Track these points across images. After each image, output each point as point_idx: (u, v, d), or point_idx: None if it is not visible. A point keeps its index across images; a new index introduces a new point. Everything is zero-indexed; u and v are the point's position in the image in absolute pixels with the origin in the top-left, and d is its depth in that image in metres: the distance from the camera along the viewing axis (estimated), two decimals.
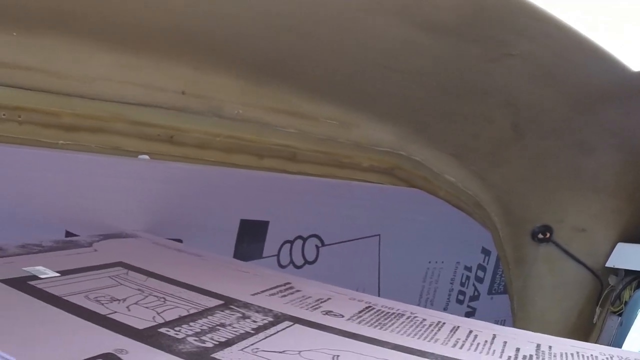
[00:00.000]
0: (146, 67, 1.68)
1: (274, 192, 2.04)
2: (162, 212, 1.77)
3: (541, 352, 1.19)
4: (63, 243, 1.45)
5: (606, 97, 2.12)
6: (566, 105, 2.20)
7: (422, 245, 2.58)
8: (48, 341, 0.87)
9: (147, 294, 1.15)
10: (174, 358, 0.86)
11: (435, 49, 1.74)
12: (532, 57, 1.81)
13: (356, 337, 1.11)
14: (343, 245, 2.27)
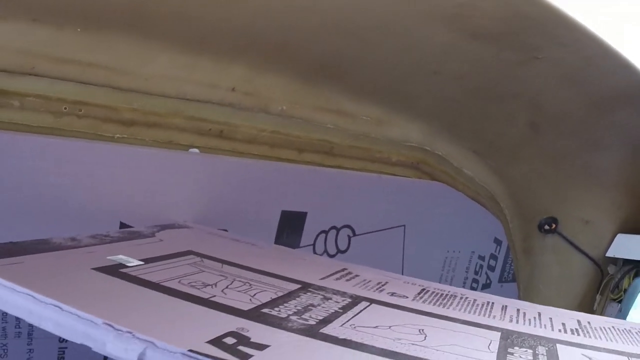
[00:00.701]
0: (203, 67, 1.74)
1: (312, 184, 2.12)
2: (209, 203, 1.85)
3: (583, 327, 1.33)
4: (128, 233, 1.52)
5: (620, 98, 2.19)
6: (584, 106, 2.27)
7: (442, 236, 2.67)
8: (173, 324, 0.96)
9: (232, 280, 1.24)
10: (291, 334, 0.96)
11: (476, 54, 1.82)
12: (558, 61, 1.88)
13: (428, 314, 1.22)
14: (372, 235, 2.35)
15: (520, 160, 2.70)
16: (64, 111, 1.60)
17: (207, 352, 0.81)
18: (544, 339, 1.21)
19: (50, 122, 1.58)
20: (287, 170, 2.05)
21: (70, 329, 0.87)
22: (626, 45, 1.79)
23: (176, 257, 1.36)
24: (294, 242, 2.10)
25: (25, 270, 1.08)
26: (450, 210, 2.63)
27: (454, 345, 1.06)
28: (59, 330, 0.88)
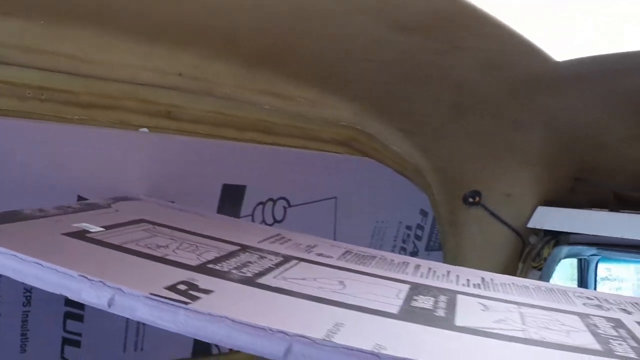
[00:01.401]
0: (154, 55, 1.91)
1: (251, 160, 2.30)
2: (158, 178, 2.03)
3: (486, 282, 1.57)
4: (88, 205, 1.70)
5: (535, 83, 2.41)
6: (504, 90, 2.49)
7: (371, 207, 2.87)
8: (136, 275, 1.16)
9: (181, 242, 1.44)
10: (232, 283, 1.18)
11: (402, 44, 2.00)
12: (477, 50, 2.08)
13: (349, 270, 1.45)
14: (306, 206, 2.55)
15: (445, 139, 2.92)
16: (28, 96, 1.75)
17: (165, 295, 1.02)
18: (447, 291, 1.44)
19: (16, 105, 1.73)
20: (229, 147, 2.21)
21: (50, 282, 1.06)
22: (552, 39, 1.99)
23: (131, 224, 1.55)
24: (234, 213, 2.28)
25: (4, 236, 1.25)
26: (379, 183, 2.83)
27: (368, 292, 1.28)
28: (40, 284, 1.07)
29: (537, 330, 1.23)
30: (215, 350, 2.38)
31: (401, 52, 2.10)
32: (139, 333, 2.14)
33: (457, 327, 1.16)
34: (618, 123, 2.76)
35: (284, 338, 0.93)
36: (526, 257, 3.27)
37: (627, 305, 1.60)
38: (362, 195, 2.79)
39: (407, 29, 1.91)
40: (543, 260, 3.23)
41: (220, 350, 2.39)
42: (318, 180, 2.58)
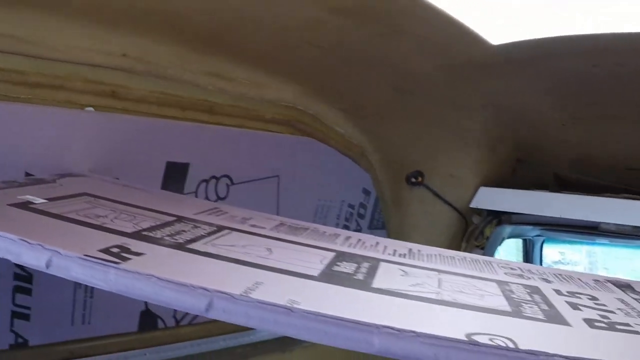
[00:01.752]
0: (100, 36, 1.97)
1: (194, 139, 2.37)
2: (103, 155, 2.10)
3: (412, 253, 1.67)
4: (34, 180, 1.77)
5: (473, 66, 2.48)
6: (441, 72, 2.56)
7: (313, 186, 2.95)
8: (73, 239, 1.25)
9: (120, 213, 1.52)
10: (163, 248, 1.26)
11: (338, 27, 2.07)
12: (413, 34, 2.16)
13: (279, 239, 1.54)
14: (249, 184, 2.62)
15: (386, 120, 3.00)
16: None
17: (98, 256, 1.10)
18: (371, 259, 1.53)
19: None
20: (172, 126, 2.28)
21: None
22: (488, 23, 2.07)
23: (74, 197, 1.62)
24: (178, 190, 2.35)
25: None
26: (322, 163, 2.91)
27: (292, 258, 1.37)
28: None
29: (451, 293, 1.32)
30: (161, 324, 2.45)
31: (340, 35, 2.17)
32: (86, 307, 2.21)
33: (372, 288, 1.25)
34: (556, 106, 2.83)
35: (205, 294, 1.01)
36: (469, 237, 3.35)
37: (550, 275, 1.70)
38: (305, 174, 2.86)
39: (345, 12, 1.99)
40: (485, 240, 3.31)
41: (166, 324, 2.47)
42: (261, 159, 2.65)
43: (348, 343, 0.99)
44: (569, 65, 2.40)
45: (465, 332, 1.01)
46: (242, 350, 2.74)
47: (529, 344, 0.99)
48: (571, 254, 7.10)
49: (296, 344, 2.93)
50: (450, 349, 0.97)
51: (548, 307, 1.32)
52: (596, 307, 1.38)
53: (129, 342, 2.35)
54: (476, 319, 1.18)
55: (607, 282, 1.70)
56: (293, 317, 1.00)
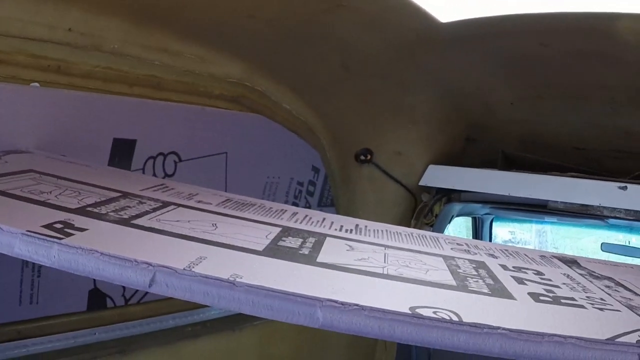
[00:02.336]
0: (43, 9, 1.93)
1: (141, 115, 2.35)
2: (48, 132, 2.07)
3: (359, 228, 1.68)
4: None
5: (420, 44, 2.51)
6: (387, 49, 2.58)
7: (262, 163, 2.95)
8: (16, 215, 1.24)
9: (64, 189, 1.51)
10: (107, 223, 1.26)
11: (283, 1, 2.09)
12: (358, 9, 2.18)
13: (225, 215, 1.54)
14: (196, 161, 2.62)
15: (334, 97, 3.01)
16: None
17: (41, 232, 1.10)
18: (317, 234, 1.54)
19: None
20: (119, 102, 2.26)
21: None
22: None
23: (19, 174, 1.61)
24: (125, 167, 2.34)
25: None
26: (269, 140, 2.91)
27: (238, 233, 1.38)
28: None
29: (396, 268, 1.33)
30: (110, 303, 2.44)
31: (283, 8, 2.18)
32: (33, 286, 2.19)
33: (317, 262, 1.27)
34: (503, 85, 2.89)
35: (148, 269, 1.02)
36: (418, 215, 3.40)
37: (496, 251, 1.73)
38: (252, 151, 2.87)
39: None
40: (435, 217, 3.36)
41: (115, 303, 2.46)
42: (208, 136, 2.65)
43: (292, 317, 1.00)
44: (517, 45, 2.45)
45: (409, 306, 1.02)
46: (192, 328, 2.74)
47: (473, 317, 1.01)
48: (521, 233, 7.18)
49: (247, 322, 2.95)
50: (394, 322, 0.99)
51: (493, 282, 1.34)
52: (542, 281, 1.41)
53: (78, 322, 2.34)
54: (421, 293, 1.19)
55: (553, 258, 1.74)
56: (236, 291, 1.00)
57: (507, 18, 2.17)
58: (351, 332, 1.00)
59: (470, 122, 3.27)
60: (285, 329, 3.12)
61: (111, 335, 2.45)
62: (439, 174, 3.29)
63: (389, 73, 2.83)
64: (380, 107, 3.09)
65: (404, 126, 3.22)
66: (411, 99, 3.07)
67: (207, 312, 2.79)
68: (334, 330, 1.00)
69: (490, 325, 0.97)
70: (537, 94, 2.89)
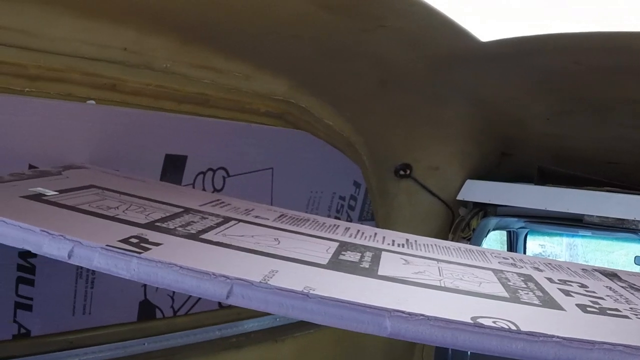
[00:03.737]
0: (98, 29, 2.00)
1: (191, 131, 2.41)
2: (103, 147, 2.13)
3: (410, 243, 1.73)
4: (40, 172, 1.80)
5: (460, 61, 2.55)
6: (426, 66, 2.61)
7: (306, 178, 3.00)
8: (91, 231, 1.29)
9: (129, 204, 1.56)
10: (178, 238, 1.31)
11: (326, 21, 2.13)
12: (400, 28, 2.21)
13: (284, 230, 1.59)
14: (244, 176, 2.67)
15: (372, 112, 3.05)
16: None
17: (119, 246, 1.15)
18: (373, 248, 1.59)
19: None
20: (169, 119, 2.32)
21: (13, 237, 1.18)
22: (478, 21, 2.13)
23: (82, 189, 1.66)
24: (176, 182, 2.39)
25: None
26: (313, 155, 2.95)
27: (300, 247, 1.43)
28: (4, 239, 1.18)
29: (452, 281, 1.39)
30: (159, 314, 2.50)
31: (327, 29, 2.22)
32: (87, 297, 2.25)
33: (379, 275, 1.32)
34: (539, 101, 2.92)
35: (225, 281, 1.07)
36: (456, 228, 3.42)
37: (540, 264, 1.78)
38: (297, 166, 2.91)
39: (332, 7, 2.05)
40: (472, 231, 3.38)
41: (164, 314, 2.51)
42: (255, 152, 2.69)
43: (361, 326, 1.05)
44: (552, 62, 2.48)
45: (470, 316, 1.07)
46: (236, 339, 2.79)
47: (528, 326, 1.05)
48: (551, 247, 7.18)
49: (287, 334, 3.00)
50: (457, 330, 1.04)
51: (542, 294, 1.39)
52: (587, 293, 1.46)
53: (128, 332, 2.40)
54: (478, 304, 1.24)
55: (594, 271, 1.78)
56: (310, 303, 1.05)
57: (543, 37, 2.20)
58: (416, 340, 1.05)
59: (505, 137, 3.30)
60: (323, 340, 3.16)
61: (159, 345, 2.51)
62: (476, 188, 3.31)
63: (427, 89, 2.87)
64: (417, 122, 3.13)
65: (442, 141, 3.25)
66: (448, 114, 3.10)
67: (250, 324, 2.85)
68: (399, 338, 1.05)
69: (546, 334, 1.02)
70: (570, 109, 2.91)
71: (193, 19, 2.10)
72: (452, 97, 2.98)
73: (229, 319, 2.75)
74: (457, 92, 2.93)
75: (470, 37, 2.24)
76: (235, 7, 2.04)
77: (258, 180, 2.74)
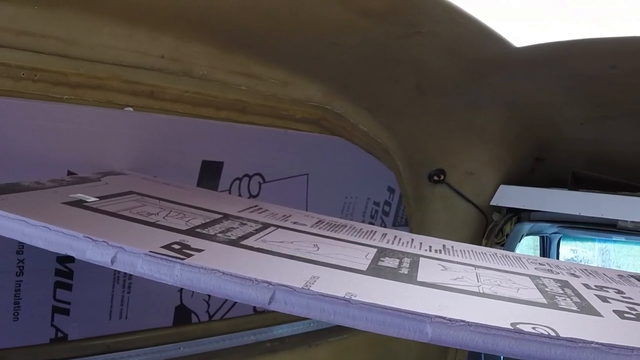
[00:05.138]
0: (137, 37, 2.03)
1: (228, 138, 2.43)
2: (141, 154, 2.16)
3: (447, 249, 1.73)
4: (79, 178, 1.83)
5: (494, 66, 2.55)
6: (462, 71, 2.62)
7: (341, 184, 3.00)
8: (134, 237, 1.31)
9: (169, 211, 1.58)
10: (219, 244, 1.32)
11: (364, 28, 2.14)
12: (437, 34, 2.22)
13: (322, 236, 1.60)
14: (279, 182, 2.68)
15: (408, 117, 3.05)
16: (22, 76, 1.86)
17: (162, 252, 1.16)
18: (410, 254, 1.60)
19: (10, 85, 1.84)
20: (207, 125, 2.34)
21: (57, 243, 1.19)
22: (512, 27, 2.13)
23: (122, 195, 1.68)
24: (212, 187, 2.41)
25: (10, 204, 1.37)
26: (348, 161, 2.96)
27: (339, 254, 1.44)
28: (48, 245, 1.20)
29: (490, 287, 1.39)
30: (195, 319, 2.52)
31: (365, 35, 2.23)
32: (123, 302, 2.27)
33: (418, 281, 1.32)
34: (573, 106, 2.90)
35: (268, 287, 1.08)
36: (489, 234, 3.41)
37: (577, 270, 1.78)
38: (332, 172, 2.91)
39: (371, 14, 2.05)
40: (505, 237, 3.37)
41: (199, 319, 2.53)
42: (291, 158, 2.70)
43: (403, 332, 1.05)
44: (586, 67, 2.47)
45: (510, 322, 1.08)
46: (271, 344, 2.81)
47: (567, 332, 1.05)
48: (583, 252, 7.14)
49: (322, 339, 3.01)
50: (497, 337, 1.04)
51: (580, 300, 1.38)
52: (624, 300, 1.45)
53: (164, 336, 2.42)
54: (517, 310, 1.24)
55: (630, 277, 1.78)
56: (352, 308, 1.06)
57: (578, 43, 2.20)
58: (457, 346, 1.05)
59: (539, 142, 3.28)
60: (358, 345, 3.16)
61: (195, 350, 2.52)
62: (509, 193, 3.29)
63: (460, 93, 2.86)
64: (452, 127, 3.12)
65: (476, 146, 3.24)
66: (482, 119, 3.10)
67: (285, 329, 2.86)
68: (440, 344, 1.05)
69: (585, 340, 1.01)
70: (604, 113, 2.89)
71: (232, 27, 2.12)
72: (487, 102, 2.97)
73: (264, 324, 2.77)
74: (492, 97, 2.92)
75: (505, 42, 2.25)
76: (275, 15, 2.06)
77: (293, 186, 2.75)
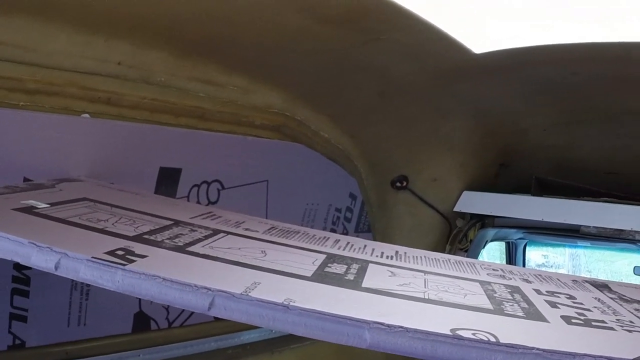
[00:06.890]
0: (95, 44, 2.02)
1: (186, 144, 2.42)
2: (98, 160, 2.15)
3: (399, 255, 1.74)
4: (34, 185, 1.83)
5: (457, 73, 2.57)
6: (425, 79, 2.64)
7: (301, 190, 3.01)
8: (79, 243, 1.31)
9: (119, 217, 1.58)
10: (164, 250, 1.33)
11: (324, 35, 2.15)
12: (397, 41, 2.23)
13: (272, 242, 1.61)
14: (239, 188, 2.68)
15: (371, 124, 3.06)
16: None
17: (105, 258, 1.17)
18: (360, 260, 1.61)
19: None
20: (165, 132, 2.33)
21: (3, 249, 1.20)
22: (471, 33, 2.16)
23: (74, 202, 1.68)
24: (170, 194, 2.41)
25: None
26: (309, 167, 2.97)
27: (286, 260, 1.45)
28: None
29: (436, 293, 1.40)
30: (154, 326, 2.51)
31: (325, 42, 2.24)
32: (82, 309, 2.27)
33: (363, 287, 1.33)
34: (536, 112, 2.94)
35: (207, 293, 1.09)
36: (453, 239, 3.44)
37: (530, 276, 1.79)
38: (293, 178, 2.93)
39: (329, 21, 2.06)
40: (469, 242, 3.40)
41: (159, 326, 2.53)
42: (250, 164, 2.71)
43: (341, 338, 1.07)
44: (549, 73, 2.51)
45: (450, 328, 1.09)
46: (232, 351, 2.80)
47: (509, 338, 1.07)
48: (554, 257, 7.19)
49: (285, 345, 3.00)
50: (436, 342, 1.05)
51: (528, 305, 1.40)
52: (573, 305, 1.47)
53: (123, 343, 2.41)
54: (460, 316, 1.26)
55: (585, 282, 1.80)
56: (290, 314, 1.07)
57: (539, 49, 2.22)
58: (396, 352, 1.07)
59: (503, 148, 3.31)
60: (322, 352, 3.15)
61: (155, 357, 2.52)
62: (473, 199, 3.33)
63: (425, 101, 2.88)
64: (416, 134, 3.14)
65: (439, 152, 3.26)
66: (447, 125, 3.12)
67: (247, 335, 2.86)
68: (379, 350, 1.07)
69: (525, 346, 1.03)
70: (569, 120, 2.94)
71: (191, 34, 2.12)
72: (451, 108, 2.99)
73: (225, 331, 2.76)
74: (456, 103, 2.95)
75: (464, 49, 2.27)
76: (233, 22, 2.06)
77: (253, 192, 2.76)
